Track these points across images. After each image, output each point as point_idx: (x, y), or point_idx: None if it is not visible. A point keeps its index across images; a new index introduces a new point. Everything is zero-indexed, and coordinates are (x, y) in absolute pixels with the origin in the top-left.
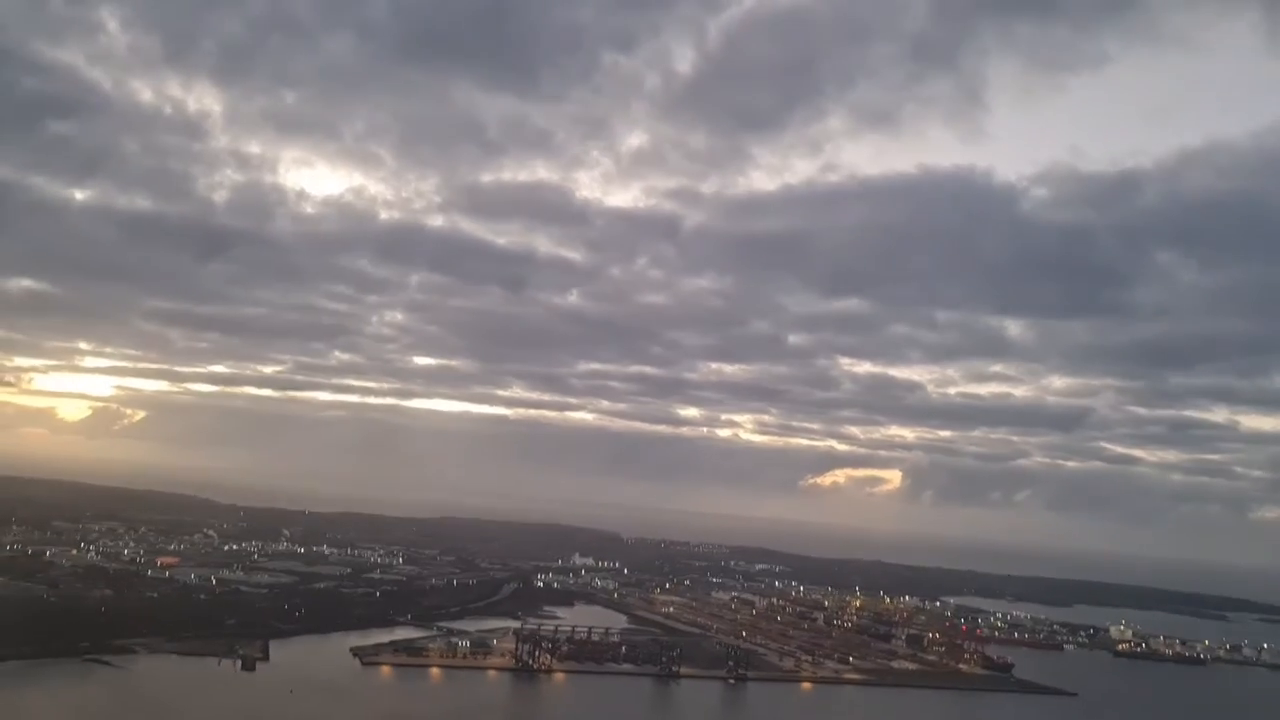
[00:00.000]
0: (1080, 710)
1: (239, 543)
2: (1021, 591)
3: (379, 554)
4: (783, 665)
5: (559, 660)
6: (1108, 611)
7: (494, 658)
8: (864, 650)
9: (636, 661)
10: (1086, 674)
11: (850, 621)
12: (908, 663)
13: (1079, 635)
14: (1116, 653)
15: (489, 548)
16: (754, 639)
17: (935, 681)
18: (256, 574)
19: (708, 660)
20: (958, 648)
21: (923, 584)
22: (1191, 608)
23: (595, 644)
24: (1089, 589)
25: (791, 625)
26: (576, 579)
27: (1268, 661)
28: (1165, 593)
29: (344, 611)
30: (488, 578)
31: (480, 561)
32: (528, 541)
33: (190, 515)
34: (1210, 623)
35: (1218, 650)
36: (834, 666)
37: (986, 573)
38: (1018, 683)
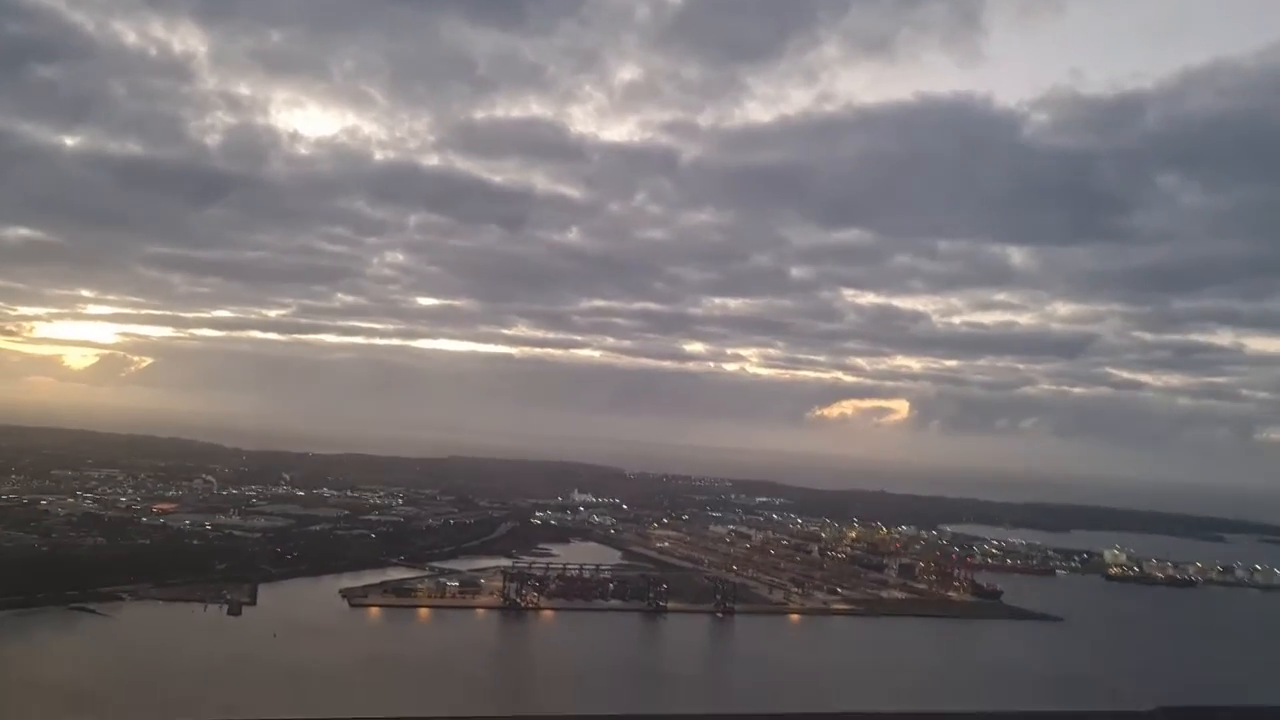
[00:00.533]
0: (1065, 634)
1: (239, 487)
2: (1020, 518)
3: (379, 495)
4: (772, 598)
5: (547, 598)
6: (1105, 536)
7: (483, 597)
8: (855, 581)
9: (625, 597)
10: (1076, 599)
11: (844, 553)
12: (898, 592)
13: (1072, 560)
14: (1108, 577)
15: (491, 486)
16: (746, 572)
17: (924, 610)
18: (253, 518)
19: (696, 594)
20: (948, 576)
21: (923, 513)
22: (1190, 531)
23: (584, 581)
24: (1087, 514)
25: (785, 558)
26: (575, 516)
27: (1260, 583)
28: (1164, 516)
29: (337, 554)
30: (485, 517)
31: (480, 500)
32: (530, 479)
33: (193, 461)
34: (1208, 545)
35: (1209, 572)
36: (823, 598)
37: (987, 500)
38: (1006, 609)
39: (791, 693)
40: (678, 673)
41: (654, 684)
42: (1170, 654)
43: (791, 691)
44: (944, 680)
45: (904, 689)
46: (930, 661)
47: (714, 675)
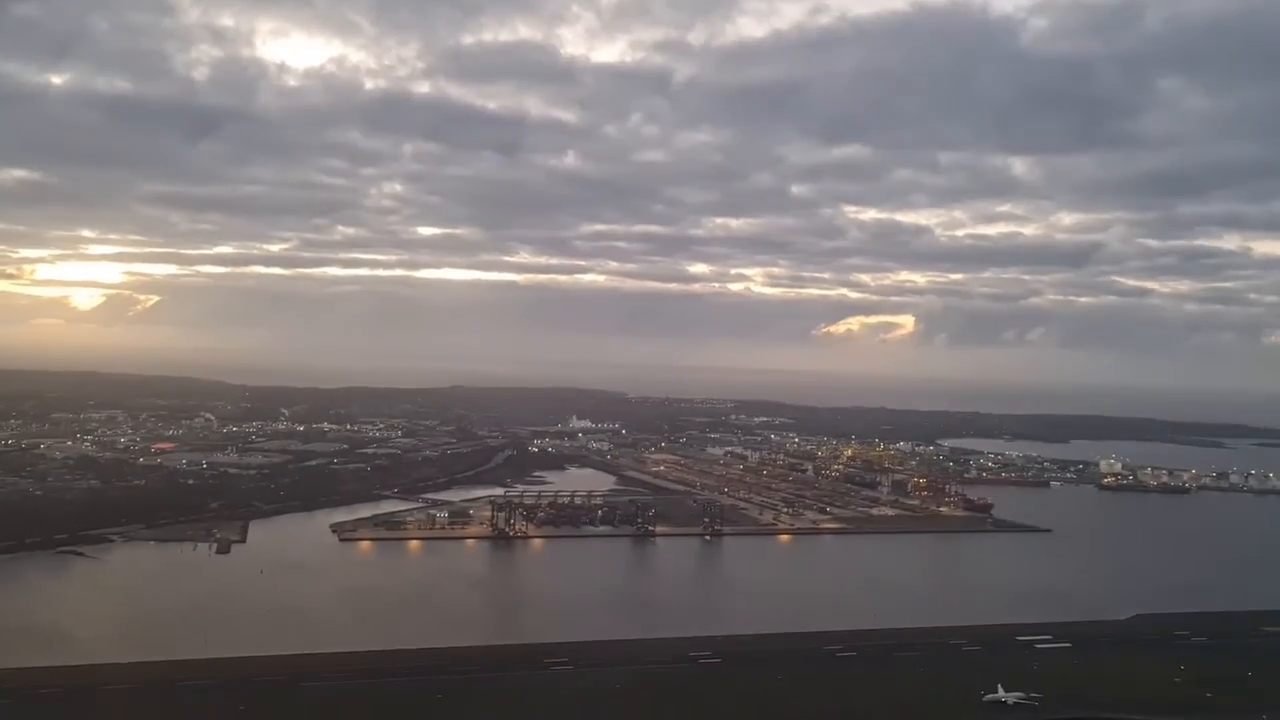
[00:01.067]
0: (1052, 545)
1: (239, 424)
2: (1019, 430)
3: (378, 428)
4: (762, 519)
5: (536, 526)
6: (1104, 445)
7: (472, 527)
8: (847, 499)
9: (614, 523)
10: (1067, 509)
11: (837, 471)
12: (889, 509)
13: (1068, 471)
14: (1102, 486)
15: (491, 415)
16: (738, 494)
17: (913, 526)
18: (250, 455)
19: (686, 518)
20: (939, 491)
21: (922, 428)
22: (1190, 437)
23: (574, 508)
24: (1088, 424)
25: (779, 478)
26: (572, 443)
27: (1254, 487)
28: (1165, 423)
29: (331, 488)
30: (483, 446)
31: (479, 430)
32: (533, 406)
33: (195, 399)
34: (1207, 450)
35: (1203, 479)
36: (813, 517)
37: (988, 413)
38: (995, 522)
39: (773, 613)
40: (659, 597)
41: (635, 609)
42: (1153, 562)
43: (773, 612)
44: (927, 595)
45: (885, 606)
46: (914, 577)
47: (694, 598)
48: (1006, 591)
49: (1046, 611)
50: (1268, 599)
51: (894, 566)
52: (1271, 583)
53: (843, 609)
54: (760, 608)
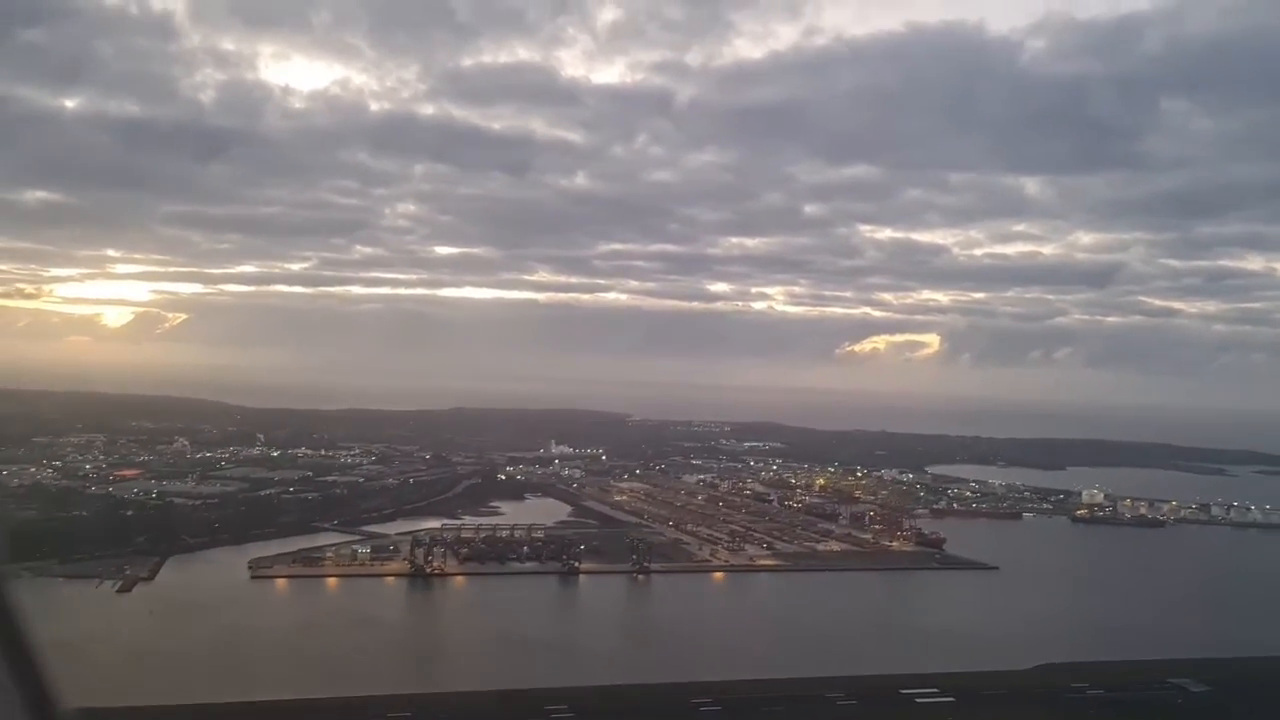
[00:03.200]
0: (992, 584)
1: (214, 450)
2: (1017, 456)
3: (353, 453)
4: (698, 555)
5: (460, 562)
6: (1101, 472)
7: (394, 563)
8: (798, 533)
9: (541, 559)
10: (1027, 544)
11: (800, 502)
12: (836, 544)
13: (1045, 501)
14: (1075, 518)
15: (481, 439)
16: (687, 526)
17: (856, 563)
18: (208, 483)
19: (619, 553)
20: (894, 525)
21: (917, 453)
22: (1193, 463)
23: (500, 543)
24: (1092, 448)
25: (741, 508)
26: (545, 470)
27: (1233, 520)
28: (1173, 448)
29: (270, 520)
30: (450, 474)
31: (456, 455)
32: (529, 429)
33: (185, 421)
34: (1207, 478)
35: (1182, 510)
36: (753, 553)
37: (990, 437)
38: (943, 559)
39: (646, 661)
40: (539, 638)
41: (509, 651)
42: (1091, 602)
43: (646, 659)
44: (830, 640)
45: (779, 652)
46: (828, 619)
47: (565, 640)
48: (918, 635)
49: (949, 660)
50: (1193, 645)
51: (813, 607)
52: (1204, 627)
53: (728, 656)
54: (635, 653)
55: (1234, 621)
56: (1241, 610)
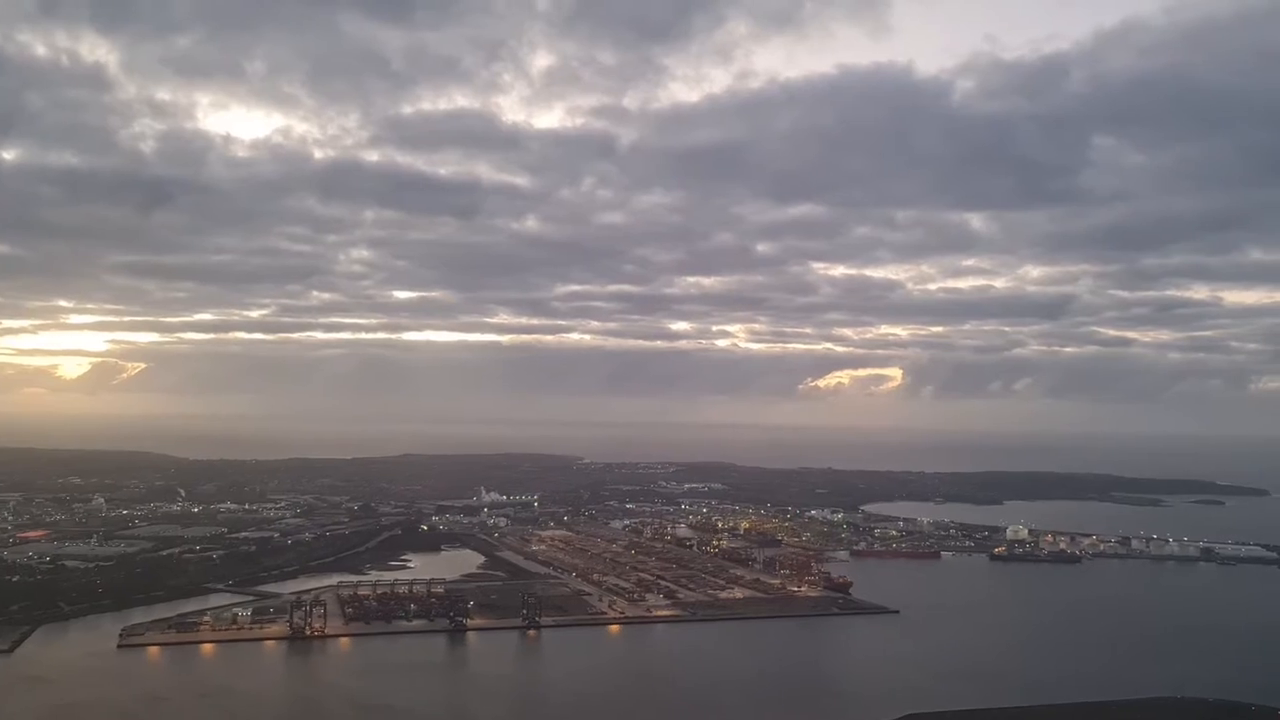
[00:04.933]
0: (886, 629)
1: (133, 506)
2: (955, 492)
3: (279, 507)
4: (597, 606)
5: (344, 622)
6: (1038, 506)
7: (275, 626)
8: (706, 579)
9: (430, 616)
10: (937, 586)
11: (717, 547)
12: (741, 591)
13: (969, 539)
14: (993, 557)
15: (421, 486)
16: (594, 576)
17: (758, 610)
18: (113, 543)
19: (512, 608)
20: (804, 569)
21: (858, 491)
22: (1130, 495)
23: (392, 600)
24: (1033, 482)
25: (657, 555)
26: (471, 518)
27: (1152, 553)
28: (1115, 479)
29: (161, 582)
30: (371, 526)
31: (386, 505)
32: (476, 474)
33: (114, 478)
34: (1141, 510)
35: (1102, 545)
36: (652, 603)
37: (936, 472)
38: (847, 604)
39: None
40: (399, 706)
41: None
42: (980, 646)
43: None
44: (685, 694)
45: (629, 710)
46: (693, 673)
47: (431, 708)
48: (789, 687)
49: (810, 713)
50: (1067, 689)
51: (692, 661)
52: (1083, 670)
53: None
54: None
55: (1119, 662)
56: (1127, 651)
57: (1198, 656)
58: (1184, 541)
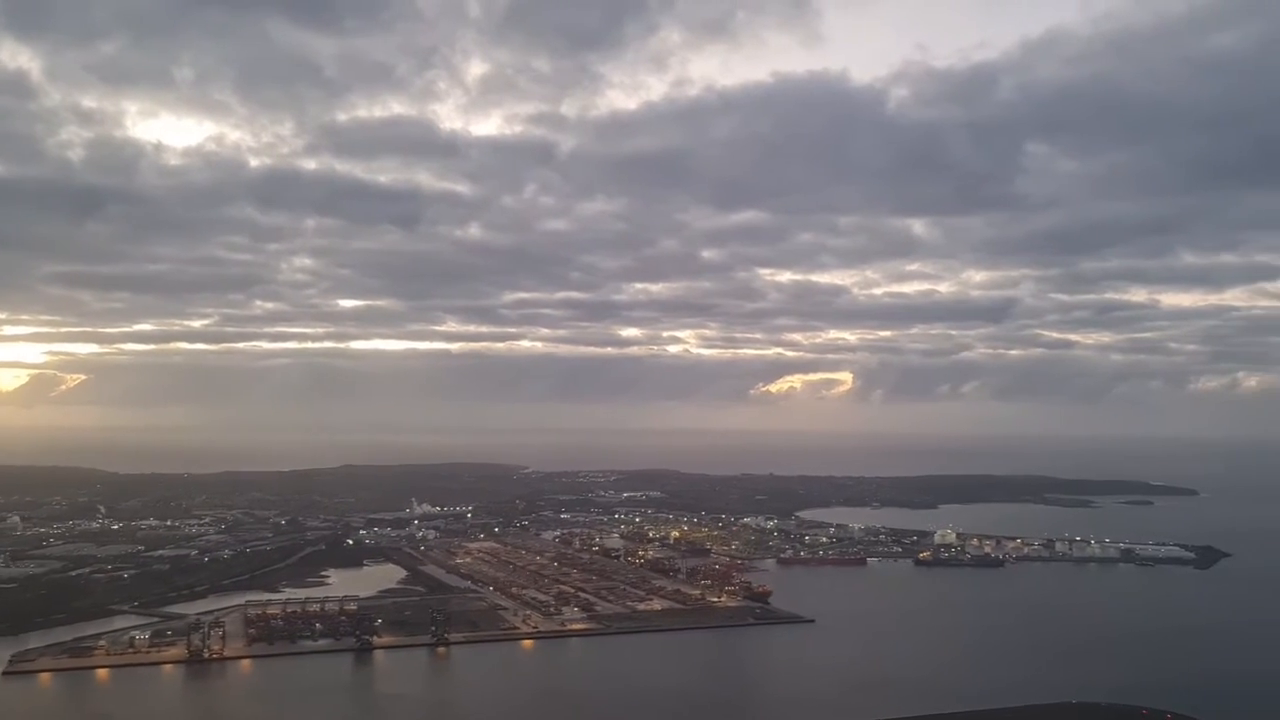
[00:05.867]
0: (798, 638)
1: (52, 524)
2: (892, 496)
3: (203, 522)
4: (512, 621)
5: (247, 644)
6: (972, 510)
7: (174, 649)
8: (627, 591)
9: (336, 636)
10: (858, 593)
11: (643, 558)
12: (660, 602)
13: (898, 544)
14: (918, 562)
15: (355, 498)
16: (512, 589)
17: (675, 622)
18: (22, 564)
19: (423, 625)
20: (725, 579)
21: (797, 497)
22: (1062, 496)
23: (299, 619)
24: (970, 484)
25: (582, 566)
26: (399, 532)
27: (1074, 555)
28: (1049, 480)
29: (64, 604)
30: (294, 542)
31: (314, 519)
32: (415, 485)
33: (36, 495)
34: (1072, 511)
35: (1026, 548)
36: (567, 617)
37: (877, 476)
38: (764, 614)
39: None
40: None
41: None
42: (879, 656)
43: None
44: (571, 711)
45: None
46: (588, 690)
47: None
48: (689, 704)
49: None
50: (971, 696)
51: (590, 677)
52: (980, 676)
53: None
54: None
55: (1026, 667)
56: (1036, 655)
57: (1106, 660)
58: (1105, 543)
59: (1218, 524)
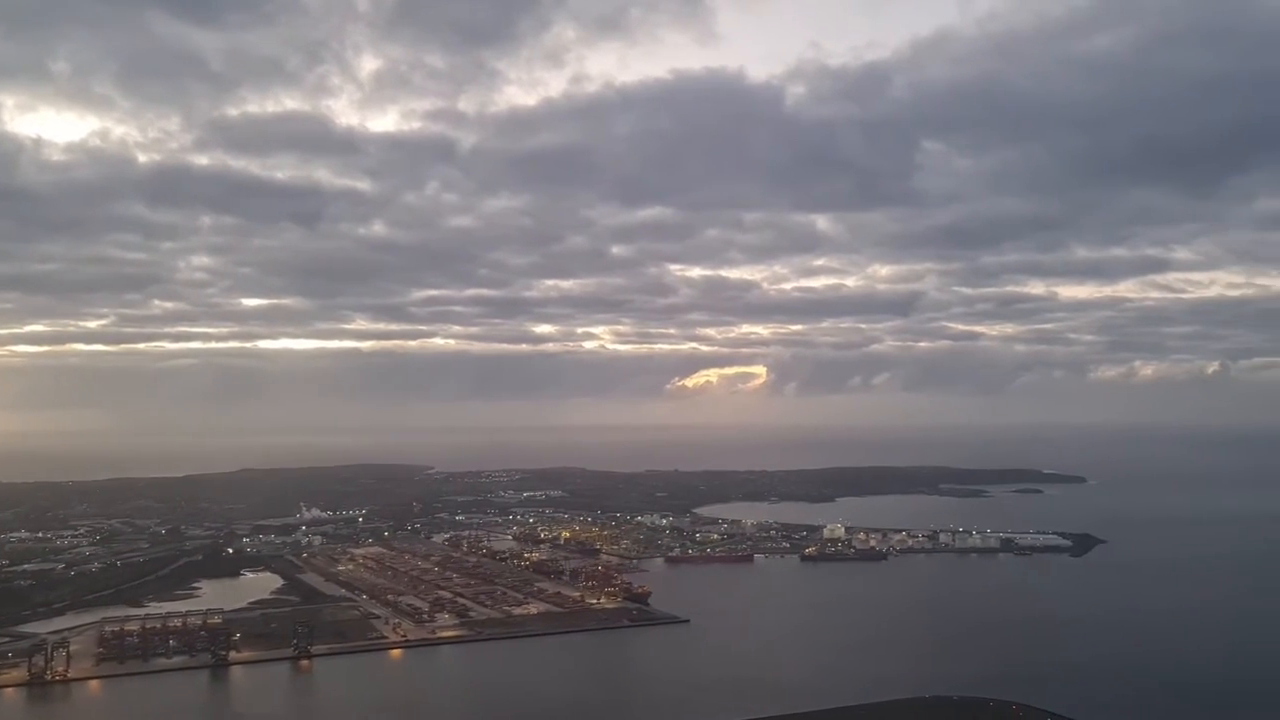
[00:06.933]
0: (666, 640)
1: None
2: (794, 489)
3: (77, 533)
4: (382, 630)
5: (95, 664)
6: (868, 501)
7: (15, 671)
8: (507, 595)
9: (191, 652)
10: (739, 591)
11: (530, 560)
12: (536, 606)
13: (788, 540)
14: (804, 557)
15: (243, 505)
16: (387, 596)
17: (545, 626)
18: None
19: (285, 638)
20: (606, 580)
21: (699, 493)
22: (957, 486)
23: (154, 636)
24: (869, 476)
25: (466, 571)
26: (285, 538)
27: (957, 546)
28: (947, 470)
29: None
30: (173, 551)
31: (197, 527)
32: (308, 490)
33: None
34: (965, 501)
35: (910, 541)
36: (440, 624)
37: (778, 470)
38: (638, 615)
39: None
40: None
41: None
42: (745, 657)
43: None
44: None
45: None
46: (438, 702)
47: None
48: (549, 711)
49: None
50: (828, 694)
51: (443, 688)
52: (856, 673)
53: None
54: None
55: (892, 662)
56: (904, 649)
57: (970, 651)
58: (986, 534)
59: (1100, 511)
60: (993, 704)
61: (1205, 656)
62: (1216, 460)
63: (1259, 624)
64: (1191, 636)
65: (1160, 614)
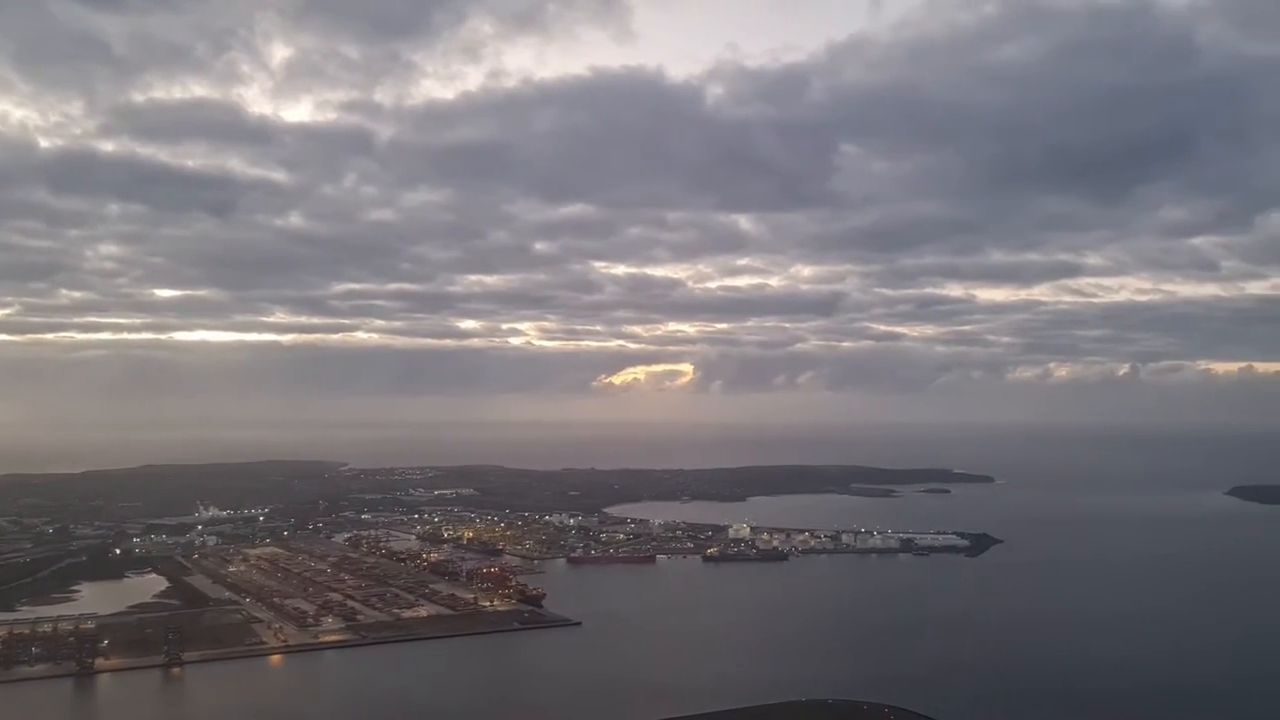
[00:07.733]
0: (555, 643)
1: None
2: (707, 488)
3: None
4: (263, 635)
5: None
6: (779, 500)
7: None
8: (398, 598)
9: (56, 660)
10: (636, 593)
11: (428, 561)
12: (435, 607)
13: (693, 540)
14: (706, 558)
15: (138, 503)
16: (274, 599)
17: (434, 630)
18: None
19: (159, 644)
20: (502, 582)
21: (610, 491)
22: (867, 486)
23: (13, 644)
24: (784, 475)
25: (362, 572)
26: (180, 538)
27: (858, 547)
28: (860, 469)
29: None
30: (57, 552)
31: (88, 526)
32: (210, 487)
33: None
34: (874, 501)
35: (812, 541)
36: (325, 628)
37: (697, 469)
38: (530, 618)
39: None
40: None
41: None
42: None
43: None
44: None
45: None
46: (345, 703)
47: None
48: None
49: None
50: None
51: (344, 692)
52: (740, 675)
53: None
54: None
55: (776, 664)
56: (789, 651)
57: (858, 653)
58: (887, 534)
59: (1002, 511)
60: (866, 707)
61: (1086, 658)
62: (1124, 460)
63: (1146, 624)
64: (1075, 637)
65: (1047, 615)
